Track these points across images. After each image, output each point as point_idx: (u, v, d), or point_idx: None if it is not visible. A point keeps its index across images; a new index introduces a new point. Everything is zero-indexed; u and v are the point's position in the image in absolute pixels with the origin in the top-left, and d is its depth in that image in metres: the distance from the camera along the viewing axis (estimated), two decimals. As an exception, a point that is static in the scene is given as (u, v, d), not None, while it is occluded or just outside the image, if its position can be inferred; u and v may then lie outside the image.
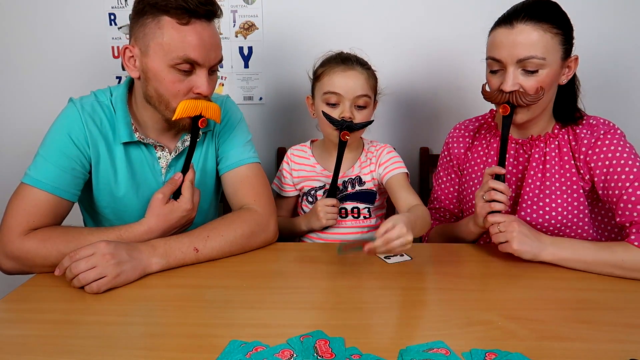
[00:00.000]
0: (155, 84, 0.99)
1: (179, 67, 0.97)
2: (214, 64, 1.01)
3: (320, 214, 1.21)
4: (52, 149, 1.00)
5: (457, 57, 1.57)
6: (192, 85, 1.00)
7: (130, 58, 1.01)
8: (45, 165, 0.99)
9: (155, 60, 0.97)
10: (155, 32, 0.96)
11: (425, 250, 1.10)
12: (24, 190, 0.98)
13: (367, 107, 1.19)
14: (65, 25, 1.60)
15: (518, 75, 1.01)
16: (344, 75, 1.16)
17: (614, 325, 0.75)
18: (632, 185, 0.98)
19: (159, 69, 0.97)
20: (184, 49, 0.95)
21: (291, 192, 1.35)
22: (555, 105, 1.10)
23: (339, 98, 1.17)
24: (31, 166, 1.00)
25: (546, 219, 1.08)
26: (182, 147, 1.11)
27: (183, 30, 0.95)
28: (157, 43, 0.96)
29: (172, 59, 0.96)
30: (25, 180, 0.98)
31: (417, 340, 0.71)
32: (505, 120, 1.04)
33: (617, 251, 0.94)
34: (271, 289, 0.89)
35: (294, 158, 1.35)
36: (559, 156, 1.09)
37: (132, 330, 0.75)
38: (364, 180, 1.28)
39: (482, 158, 1.20)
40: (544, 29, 0.98)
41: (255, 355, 0.67)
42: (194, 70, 0.99)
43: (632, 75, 1.58)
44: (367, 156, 1.30)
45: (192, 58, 0.96)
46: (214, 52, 1.00)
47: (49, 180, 0.98)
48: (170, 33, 0.95)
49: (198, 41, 0.96)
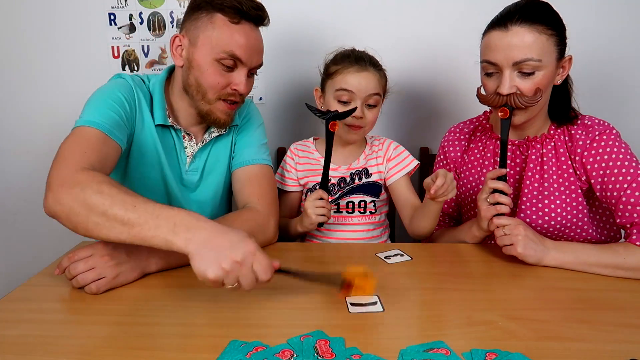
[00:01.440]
0: (197, 73, 1.05)
1: (223, 61, 1.03)
2: (255, 65, 1.08)
3: (309, 210, 1.12)
4: (104, 98, 1.01)
5: (458, 57, 1.57)
6: (231, 82, 1.06)
7: (178, 47, 1.07)
8: (98, 109, 0.98)
9: (202, 51, 1.04)
10: (207, 26, 1.03)
11: (425, 250, 1.10)
12: (78, 131, 0.94)
13: (377, 105, 1.23)
14: (66, 25, 1.60)
15: (514, 78, 1.00)
16: (358, 76, 1.20)
17: (614, 325, 0.75)
18: (630, 186, 0.98)
19: (204, 60, 1.04)
20: (231, 45, 1.02)
21: (294, 186, 1.35)
22: (550, 105, 1.10)
23: (351, 96, 1.20)
24: (82, 114, 0.98)
25: (546, 220, 1.07)
26: (209, 138, 1.16)
27: (233, 28, 1.03)
28: (207, 36, 1.03)
29: (218, 52, 1.02)
30: (78, 123, 0.96)
31: (417, 340, 0.71)
32: (504, 123, 1.04)
33: (620, 252, 0.94)
34: (271, 289, 0.89)
35: (298, 152, 1.36)
36: (556, 157, 1.09)
37: (132, 330, 0.75)
38: (370, 172, 1.29)
39: (479, 160, 1.19)
40: (538, 30, 0.98)
41: (255, 355, 0.67)
42: (235, 67, 1.05)
43: (628, 74, 1.58)
44: (372, 149, 1.32)
45: (237, 55, 1.03)
46: (256, 55, 1.08)
47: (102, 121, 0.96)
48: (221, 29, 1.02)
49: (245, 40, 1.03)
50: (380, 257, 1.03)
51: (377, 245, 1.13)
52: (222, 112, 1.09)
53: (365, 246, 1.15)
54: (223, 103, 1.08)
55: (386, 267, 0.99)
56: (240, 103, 1.12)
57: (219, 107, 1.08)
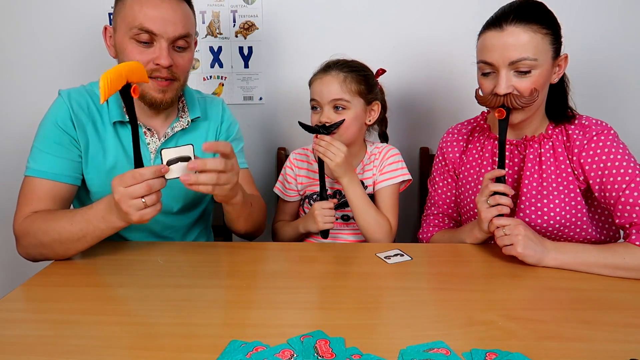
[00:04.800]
0: (122, 57, 1.05)
1: (138, 37, 1.02)
2: (173, 36, 1.04)
3: (318, 217, 1.18)
4: (45, 139, 1.07)
5: (458, 57, 1.57)
6: (153, 57, 1.04)
7: (110, 38, 1.09)
8: (41, 155, 1.06)
9: (120, 34, 1.05)
10: (120, 8, 1.05)
11: (425, 250, 1.10)
12: (27, 182, 1.06)
13: (346, 109, 1.21)
14: (66, 25, 1.60)
15: (511, 78, 1.00)
16: (320, 82, 1.22)
17: (614, 325, 0.75)
18: (628, 186, 0.98)
19: (123, 41, 1.04)
20: (140, 18, 1.01)
21: (295, 197, 1.35)
22: (547, 104, 1.10)
23: (317, 103, 1.22)
24: (29, 158, 1.07)
25: (544, 219, 1.07)
26: (172, 132, 1.15)
27: (141, 2, 1.02)
28: (122, 17, 1.04)
29: (131, 29, 1.02)
30: (27, 172, 1.06)
31: (418, 340, 0.71)
32: (502, 124, 1.04)
33: (620, 252, 0.93)
34: (271, 289, 0.89)
35: (297, 163, 1.35)
36: (554, 156, 1.09)
37: (132, 330, 0.75)
38: (365, 184, 1.28)
39: (477, 160, 1.19)
40: (533, 29, 0.98)
41: (255, 355, 0.67)
42: (153, 42, 1.04)
43: (625, 74, 1.58)
44: (369, 159, 1.30)
45: (147, 27, 1.01)
46: (172, 25, 1.03)
47: (45, 167, 1.05)
48: (131, 6, 1.03)
49: (154, 11, 1.02)
50: (380, 257, 1.03)
51: (377, 245, 1.13)
52: (154, 90, 1.06)
53: (365, 246, 1.15)
54: (152, 81, 1.05)
55: (386, 267, 0.99)
56: (176, 80, 1.08)
57: (150, 86, 1.05)
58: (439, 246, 1.17)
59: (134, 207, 0.88)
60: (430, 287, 0.91)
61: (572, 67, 1.08)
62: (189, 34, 1.07)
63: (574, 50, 1.11)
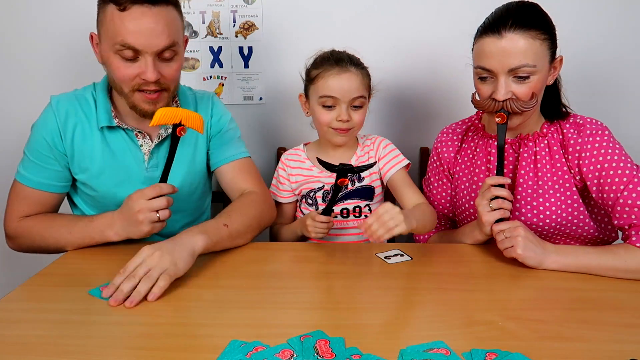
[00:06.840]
0: (109, 69, 1.04)
1: (122, 53, 0.99)
2: (158, 49, 0.99)
3: (309, 227, 1.14)
4: (33, 149, 1.10)
5: (457, 56, 1.55)
6: (139, 72, 1.00)
7: (96, 45, 1.06)
8: (30, 164, 1.10)
9: (104, 46, 1.02)
10: (102, 19, 1.01)
11: (425, 250, 1.10)
12: (16, 186, 1.11)
13: (362, 106, 1.21)
14: (66, 25, 1.59)
15: (510, 84, 1.00)
16: (339, 78, 1.16)
17: (614, 325, 0.76)
18: (626, 188, 0.98)
19: (108, 55, 1.01)
20: (122, 35, 0.97)
21: (289, 198, 1.33)
22: (541, 102, 1.10)
23: (335, 101, 1.18)
24: (20, 163, 1.11)
25: (541, 218, 1.07)
26: (165, 134, 1.14)
27: (122, 17, 0.97)
28: (105, 30, 1.00)
29: (114, 45, 0.98)
30: (16, 177, 1.11)
31: (418, 340, 0.71)
32: (501, 128, 1.03)
33: (620, 254, 0.93)
34: (271, 289, 0.89)
35: (290, 163, 1.33)
36: (550, 155, 1.08)
37: (132, 330, 0.75)
38: (363, 175, 1.28)
39: (472, 160, 1.19)
40: (532, 35, 0.97)
41: (255, 355, 0.67)
42: (138, 56, 1.00)
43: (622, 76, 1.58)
44: (363, 150, 1.30)
45: (129, 43, 0.97)
46: (155, 38, 0.98)
47: (34, 177, 1.09)
48: (112, 20, 0.97)
49: (135, 27, 0.96)
50: (380, 257, 1.03)
51: (377, 245, 1.13)
52: (143, 102, 1.04)
53: (366, 246, 1.15)
54: (140, 94, 1.03)
55: (386, 267, 0.99)
56: (166, 90, 1.06)
57: (138, 98, 1.04)
58: (439, 246, 1.16)
59: (149, 219, 0.95)
60: (430, 287, 0.91)
61: (568, 70, 1.08)
62: (174, 43, 1.02)
63: (571, 52, 1.11)
